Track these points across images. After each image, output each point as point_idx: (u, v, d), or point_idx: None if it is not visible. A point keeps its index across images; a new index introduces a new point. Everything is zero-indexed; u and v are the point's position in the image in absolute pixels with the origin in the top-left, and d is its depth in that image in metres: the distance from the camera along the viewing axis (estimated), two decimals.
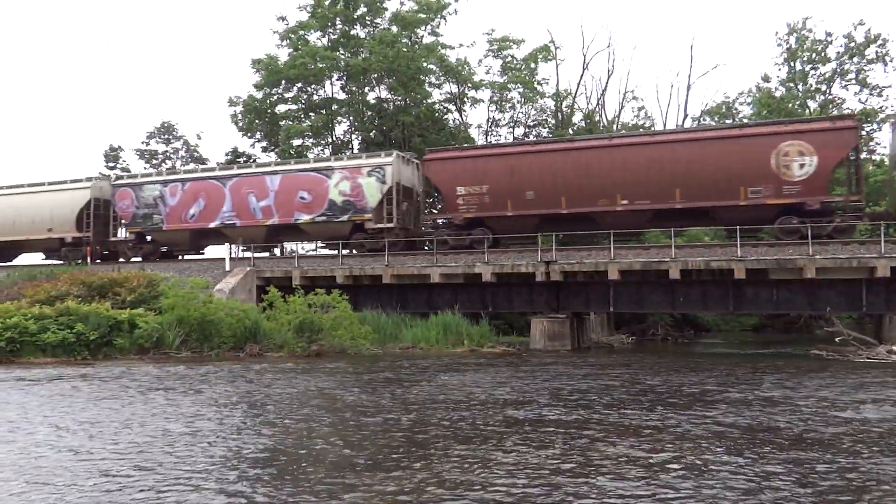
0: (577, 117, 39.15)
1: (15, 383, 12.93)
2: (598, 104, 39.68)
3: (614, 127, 37.12)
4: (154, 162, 46.09)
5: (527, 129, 38.42)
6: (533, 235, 21.46)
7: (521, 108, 38.66)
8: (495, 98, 38.21)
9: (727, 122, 35.65)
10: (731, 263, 18.66)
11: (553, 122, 38.11)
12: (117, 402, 10.68)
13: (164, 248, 29.04)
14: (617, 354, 19.94)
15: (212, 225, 26.58)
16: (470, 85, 37.86)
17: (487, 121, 39.11)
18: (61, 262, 28.46)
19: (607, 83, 40.98)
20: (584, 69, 39.37)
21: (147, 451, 7.43)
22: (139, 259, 28.02)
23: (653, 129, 35.89)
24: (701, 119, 38.50)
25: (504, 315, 24.57)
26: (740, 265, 18.53)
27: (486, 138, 38.06)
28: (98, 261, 28.21)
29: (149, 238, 28.30)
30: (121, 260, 28.54)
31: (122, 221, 28.45)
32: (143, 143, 46.74)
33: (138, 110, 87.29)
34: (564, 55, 75.45)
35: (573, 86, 43.46)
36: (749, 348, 23.15)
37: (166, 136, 46.93)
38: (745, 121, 32.87)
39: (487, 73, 38.68)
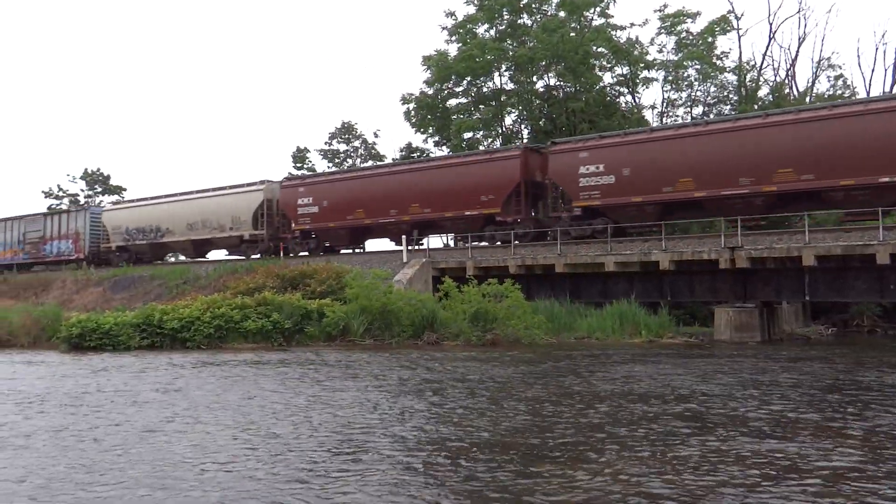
0: (763, 91, 36.28)
1: (273, 367, 14.31)
2: (787, 76, 36.54)
3: (807, 99, 33.93)
4: (336, 161, 49.05)
5: (706, 108, 36.22)
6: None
7: (698, 85, 36.51)
8: (670, 77, 36.38)
9: None
10: None
11: (735, 98, 35.57)
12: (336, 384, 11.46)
13: None
14: (814, 347, 18.22)
15: None
16: (642, 65, 36.35)
17: (662, 102, 37.37)
18: None
19: (797, 52, 37.42)
20: (770, 38, 36.48)
21: (347, 432, 7.86)
22: None
23: (853, 98, 32.26)
24: None
25: (684, 304, 23.38)
26: None
27: (661, 120, 36.39)
28: None
29: None
30: None
31: None
32: (325, 143, 49.96)
33: (322, 113, 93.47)
34: (746, 25, 70.14)
35: (758, 57, 40.33)
36: None
37: (347, 136, 49.74)
38: None
39: (661, 51, 36.93)
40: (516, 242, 23.72)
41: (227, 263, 29.49)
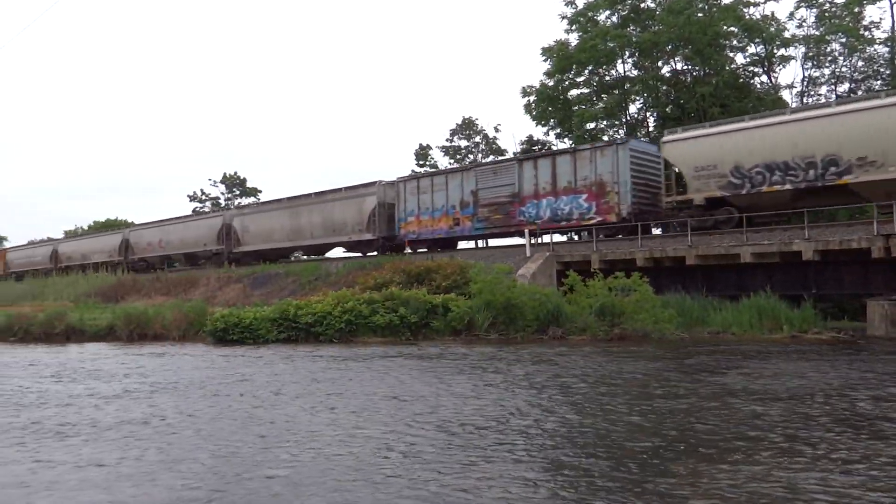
0: None
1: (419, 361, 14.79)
2: None
3: None
4: (458, 157, 49.51)
5: (853, 84, 33.41)
6: None
7: (844, 60, 33.71)
8: (811, 53, 33.83)
9: None
10: None
11: (888, 72, 32.53)
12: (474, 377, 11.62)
13: None
14: None
15: None
16: (778, 42, 34.02)
17: (802, 80, 34.81)
18: None
19: None
20: None
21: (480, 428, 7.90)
22: None
23: None
24: None
25: (831, 297, 21.68)
26: None
27: (801, 100, 33.93)
28: None
29: None
30: None
31: None
32: (446, 140, 50.54)
33: (443, 110, 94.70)
34: None
35: None
36: None
37: (467, 132, 50.09)
38: None
39: (800, 27, 34.42)
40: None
41: (355, 260, 30.41)
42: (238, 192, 65.62)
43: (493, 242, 30.61)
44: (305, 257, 35.24)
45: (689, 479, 5.74)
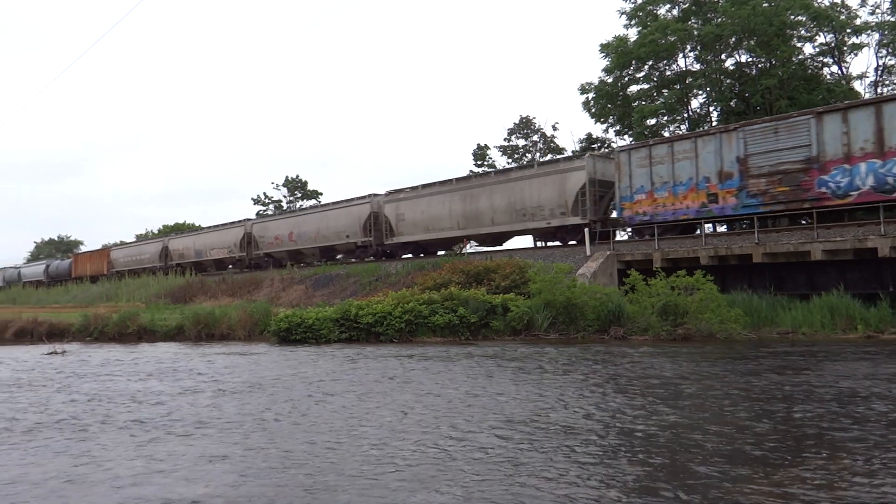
0: None
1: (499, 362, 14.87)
2: None
3: None
4: (515, 156, 49.35)
5: None
6: None
7: None
8: (886, 41, 32.38)
9: None
10: None
11: None
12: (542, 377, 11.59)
13: None
14: None
15: None
16: (849, 31, 32.69)
17: (876, 69, 33.35)
18: None
19: None
20: None
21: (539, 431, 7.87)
22: None
23: None
24: None
25: None
26: None
27: (876, 90, 32.51)
28: None
29: None
30: None
31: None
32: (504, 139, 50.45)
33: (500, 109, 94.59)
34: None
35: None
36: None
37: (525, 131, 49.90)
38: None
39: (873, 13, 33.01)
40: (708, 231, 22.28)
41: (416, 261, 30.58)
42: (300, 195, 66.97)
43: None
44: (481, 248, 30.85)
45: (829, 487, 5.58)
